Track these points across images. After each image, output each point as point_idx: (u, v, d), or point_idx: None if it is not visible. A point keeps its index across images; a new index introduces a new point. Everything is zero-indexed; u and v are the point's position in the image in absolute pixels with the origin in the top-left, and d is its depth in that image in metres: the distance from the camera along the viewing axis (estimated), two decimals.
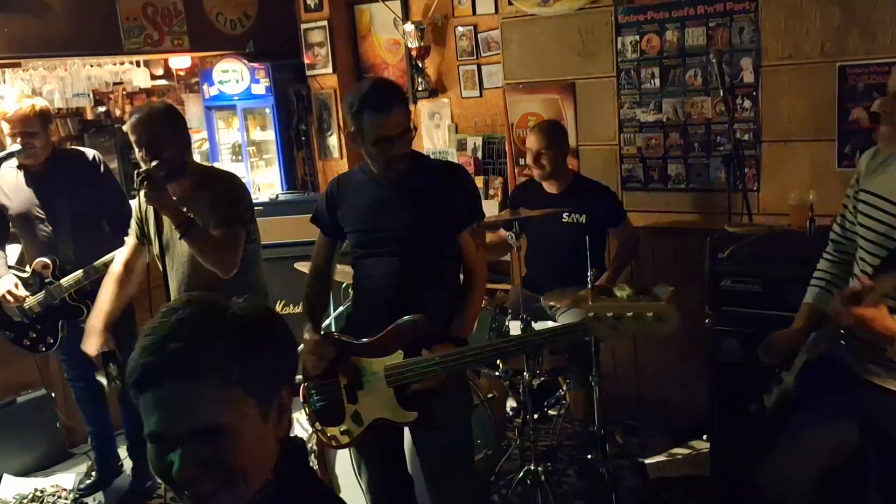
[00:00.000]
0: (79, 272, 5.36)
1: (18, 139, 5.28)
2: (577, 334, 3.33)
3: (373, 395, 3.78)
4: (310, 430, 6.29)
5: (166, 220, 4.34)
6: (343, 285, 5.75)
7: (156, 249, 4.52)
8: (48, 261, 5.45)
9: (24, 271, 5.53)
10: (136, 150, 4.36)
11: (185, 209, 4.35)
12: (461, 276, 4.07)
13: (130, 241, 4.87)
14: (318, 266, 4.18)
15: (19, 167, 5.50)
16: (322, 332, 4.06)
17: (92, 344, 4.87)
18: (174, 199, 4.37)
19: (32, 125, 5.31)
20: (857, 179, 3.55)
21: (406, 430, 4.01)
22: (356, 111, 3.72)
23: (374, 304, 3.95)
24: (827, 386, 3.41)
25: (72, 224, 5.49)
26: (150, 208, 4.32)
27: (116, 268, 4.92)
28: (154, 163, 4.23)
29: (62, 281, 5.39)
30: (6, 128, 5.30)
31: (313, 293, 4.15)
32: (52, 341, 5.57)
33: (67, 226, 5.49)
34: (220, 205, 4.37)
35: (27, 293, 5.43)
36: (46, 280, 5.45)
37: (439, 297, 3.88)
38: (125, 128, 4.43)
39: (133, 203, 4.96)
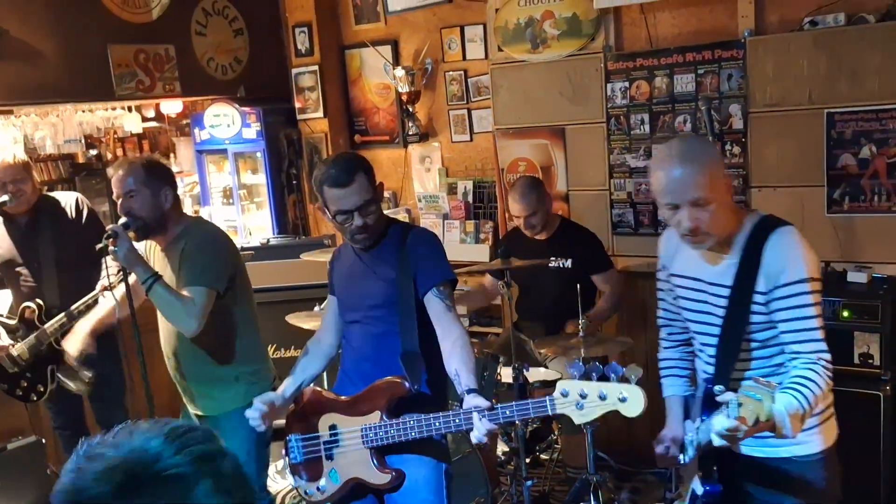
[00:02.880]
0: (62, 315, 5.36)
1: (8, 188, 5.30)
2: (544, 410, 3.32)
3: (350, 455, 3.78)
4: (285, 480, 6.36)
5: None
6: None
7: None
8: (34, 306, 5.45)
9: (13, 318, 5.53)
10: (117, 202, 4.39)
11: (166, 259, 4.40)
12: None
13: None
14: (323, 326, 4.29)
15: (2, 215, 5.53)
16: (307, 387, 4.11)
17: (74, 344, 5.08)
18: (161, 247, 4.43)
19: (21, 173, 5.36)
20: (664, 265, 3.65)
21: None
22: (318, 185, 3.80)
23: (353, 373, 3.99)
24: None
25: (57, 270, 5.50)
26: None
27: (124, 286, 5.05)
28: (122, 219, 4.26)
29: (46, 326, 5.38)
30: None
31: (303, 353, 4.22)
32: (42, 389, 5.55)
33: (53, 272, 5.50)
34: (188, 262, 4.32)
35: (10, 342, 5.44)
36: (33, 326, 5.46)
37: (429, 353, 3.82)
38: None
39: None
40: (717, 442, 2.99)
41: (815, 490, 3.31)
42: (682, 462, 3.54)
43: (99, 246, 4.22)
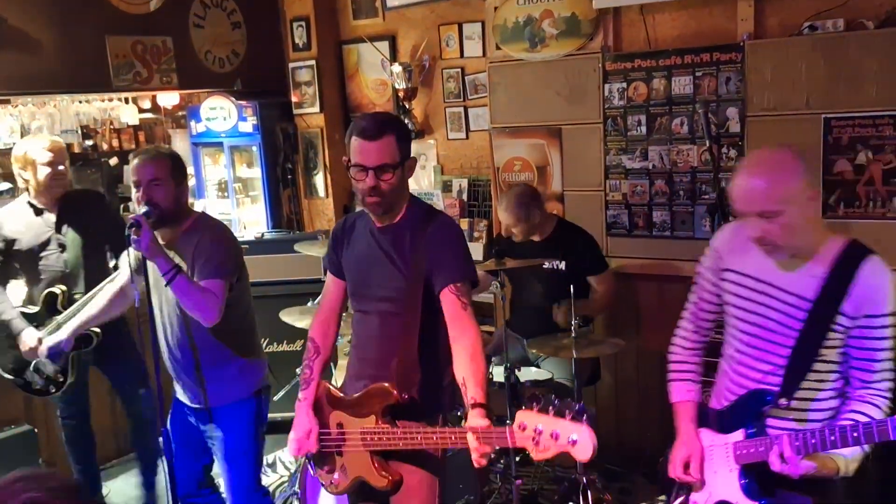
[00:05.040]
0: (85, 299, 5.37)
1: (58, 168, 5.46)
2: (505, 440, 3.20)
3: (354, 453, 3.73)
4: (276, 474, 6.37)
5: (151, 264, 4.31)
6: None
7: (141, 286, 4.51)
8: (57, 291, 5.45)
9: (34, 307, 5.52)
10: (134, 190, 4.36)
11: (172, 253, 4.35)
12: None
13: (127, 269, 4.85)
14: (326, 311, 4.07)
15: (28, 203, 5.58)
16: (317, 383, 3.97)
17: (54, 338, 5.13)
18: (162, 242, 4.37)
19: (65, 155, 5.54)
20: (719, 257, 3.53)
21: None
22: (349, 133, 3.65)
23: (362, 363, 3.89)
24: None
25: (83, 256, 5.56)
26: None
27: (114, 288, 5.06)
28: (145, 209, 4.23)
29: (68, 311, 5.39)
30: (46, 157, 5.41)
31: (314, 349, 4.01)
32: (62, 379, 5.55)
33: (80, 258, 5.56)
34: (204, 255, 4.34)
35: (37, 336, 5.38)
36: (55, 312, 5.48)
37: (431, 362, 3.75)
38: (127, 167, 4.44)
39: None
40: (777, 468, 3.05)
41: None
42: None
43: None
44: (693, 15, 6.05)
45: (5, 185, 5.33)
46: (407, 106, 7.71)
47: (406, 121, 7.68)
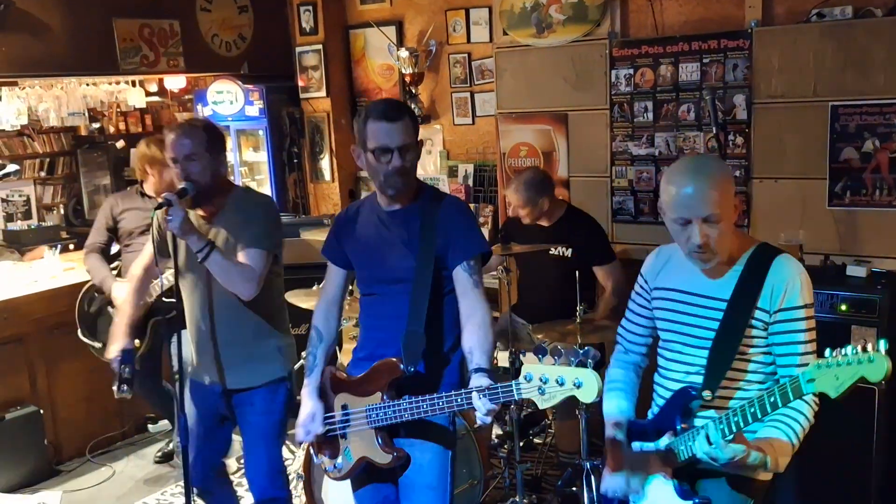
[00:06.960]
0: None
1: None
2: (510, 395, 3.26)
3: (359, 434, 3.75)
4: (296, 452, 6.37)
5: (181, 242, 4.18)
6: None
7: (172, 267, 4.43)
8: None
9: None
10: (172, 166, 4.25)
11: (214, 227, 4.27)
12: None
13: (150, 247, 4.65)
14: (328, 300, 4.07)
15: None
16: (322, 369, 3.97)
17: (114, 349, 4.72)
18: (205, 215, 4.30)
19: None
20: (646, 280, 3.57)
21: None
22: (363, 119, 3.63)
23: (371, 344, 3.89)
24: None
25: None
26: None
27: (136, 272, 4.78)
28: (182, 185, 4.13)
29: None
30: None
31: (317, 336, 4.03)
32: (138, 344, 5.58)
33: None
34: (252, 225, 4.24)
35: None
36: None
37: (440, 340, 3.78)
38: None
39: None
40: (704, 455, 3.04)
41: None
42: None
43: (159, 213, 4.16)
44: (701, 1, 6.06)
45: (13, 167, 5.30)
46: (413, 91, 7.71)
47: (412, 106, 7.69)
